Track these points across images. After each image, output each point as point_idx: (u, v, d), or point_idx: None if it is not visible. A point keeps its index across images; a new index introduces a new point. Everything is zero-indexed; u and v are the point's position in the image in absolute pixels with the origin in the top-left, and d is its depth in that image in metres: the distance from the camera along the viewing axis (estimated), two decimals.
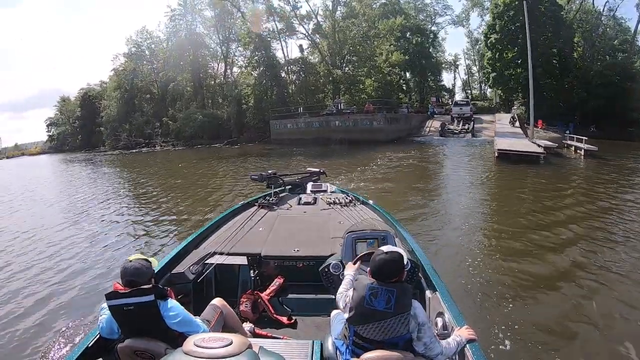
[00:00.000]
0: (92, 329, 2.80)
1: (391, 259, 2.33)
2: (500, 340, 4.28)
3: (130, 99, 54.56)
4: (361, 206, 5.80)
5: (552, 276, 6.03)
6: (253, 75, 44.16)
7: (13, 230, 10.60)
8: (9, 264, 7.94)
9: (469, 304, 5.00)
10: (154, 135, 49.05)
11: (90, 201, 14.45)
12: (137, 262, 2.53)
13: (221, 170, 19.75)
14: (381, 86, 38.96)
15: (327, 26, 42.33)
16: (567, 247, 7.17)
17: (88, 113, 65.68)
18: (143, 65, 56.05)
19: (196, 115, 43.67)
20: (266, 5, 43.06)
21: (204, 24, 51.27)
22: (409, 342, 2.28)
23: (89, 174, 24.99)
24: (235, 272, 4.13)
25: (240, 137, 38.91)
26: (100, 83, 68.31)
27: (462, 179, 14.79)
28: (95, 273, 6.98)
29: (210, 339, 1.66)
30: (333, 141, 29.22)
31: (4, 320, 5.64)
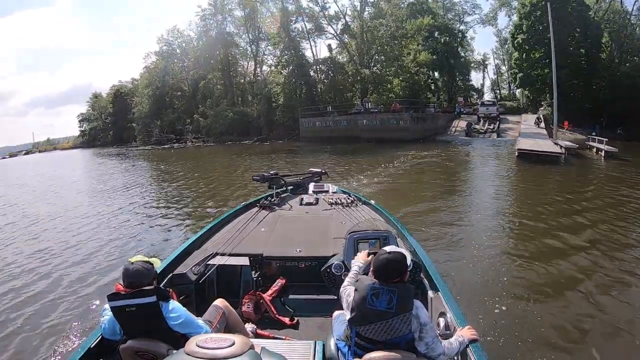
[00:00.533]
0: (94, 330, 2.90)
1: (394, 259, 2.39)
2: (506, 341, 4.41)
3: (161, 96, 56.88)
4: (363, 206, 5.92)
5: (566, 278, 6.14)
6: (283, 74, 45.58)
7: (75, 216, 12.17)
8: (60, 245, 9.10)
9: (477, 303, 5.20)
10: (184, 132, 51.03)
11: (129, 189, 16.45)
12: (138, 264, 2.60)
13: (255, 165, 21.38)
14: (409, 86, 39.63)
15: (355, 26, 43.35)
16: (578, 249, 7.28)
17: (120, 109, 68.62)
18: (174, 63, 58.12)
19: (226, 112, 45.47)
20: (295, 5, 44.45)
21: (234, 23, 53.08)
22: (411, 342, 2.33)
23: (127, 167, 27.33)
24: (237, 273, 4.22)
25: (270, 135, 40.41)
26: (131, 80, 71.19)
27: (481, 178, 15.76)
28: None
29: (212, 339, 1.70)
30: (360, 139, 30.17)
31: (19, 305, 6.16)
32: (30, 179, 25.68)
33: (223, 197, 12.96)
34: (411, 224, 8.66)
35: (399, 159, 20.23)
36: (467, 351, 2.55)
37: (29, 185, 22.00)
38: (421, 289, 3.48)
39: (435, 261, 6.31)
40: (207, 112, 49.34)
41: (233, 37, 53.21)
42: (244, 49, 54.70)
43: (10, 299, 6.41)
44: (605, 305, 5.21)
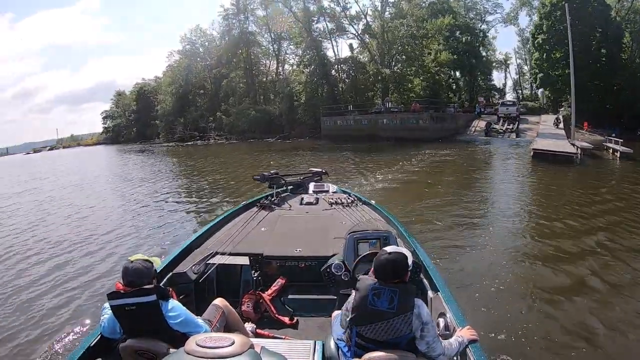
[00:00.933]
0: (94, 329, 2.94)
1: (395, 260, 2.41)
2: (521, 343, 4.50)
3: (184, 94, 58.76)
4: (363, 206, 5.98)
5: (579, 280, 6.22)
6: (304, 73, 46.76)
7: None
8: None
9: (481, 304, 5.34)
10: (207, 129, 52.65)
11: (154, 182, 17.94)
12: (137, 263, 2.62)
13: (278, 162, 22.78)
14: (429, 85, 40.47)
15: (376, 26, 44.12)
16: (588, 251, 7.38)
17: (143, 107, 70.73)
18: (197, 62, 59.93)
19: (249, 110, 46.91)
20: (317, 5, 45.52)
21: (256, 22, 54.28)
22: (412, 342, 2.35)
23: (154, 163, 29.12)
24: (237, 272, 4.25)
25: (292, 133, 41.62)
26: (155, 78, 73.38)
27: (494, 176, 16.61)
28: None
29: (212, 338, 1.72)
30: (380, 138, 31.28)
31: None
32: (65, 173, 27.63)
33: (247, 190, 14.19)
34: (422, 218, 9.59)
35: (416, 157, 21.20)
36: (467, 351, 2.61)
37: (67, 178, 23.90)
38: (421, 289, 3.52)
39: (446, 256, 7.10)
40: (229, 110, 50.82)
41: (255, 37, 54.58)
42: (265, 48, 56.02)
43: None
44: (621, 309, 5.25)
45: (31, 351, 4.91)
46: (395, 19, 42.64)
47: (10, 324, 5.61)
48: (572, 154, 18.95)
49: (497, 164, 19.73)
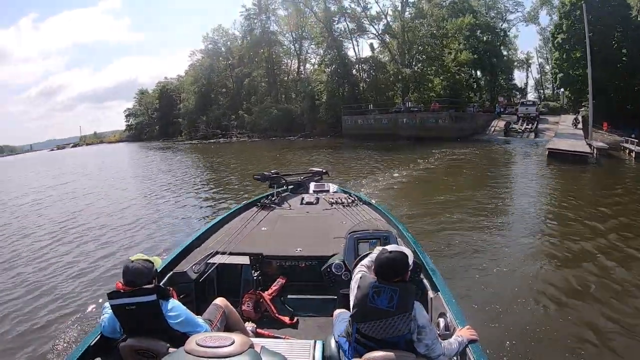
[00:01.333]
0: (94, 328, 2.95)
1: (395, 258, 2.45)
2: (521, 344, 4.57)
3: (207, 93, 60.82)
4: (363, 206, 5.99)
5: (584, 283, 6.24)
6: (326, 73, 47.91)
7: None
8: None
9: (494, 304, 5.40)
10: (230, 127, 54.40)
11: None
12: (138, 263, 2.65)
13: (301, 160, 24.19)
14: (450, 85, 40.98)
15: (396, 26, 44.90)
16: (598, 251, 7.46)
17: (165, 105, 73.33)
18: (219, 61, 61.91)
19: (271, 109, 48.42)
20: (337, 6, 46.61)
21: (277, 22, 55.94)
22: (411, 342, 2.38)
23: (181, 159, 30.80)
24: (238, 272, 4.28)
25: (313, 131, 42.85)
26: (177, 77, 75.97)
27: (507, 174, 17.28)
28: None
29: (212, 338, 1.75)
30: (400, 137, 32.12)
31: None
32: (98, 169, 29.57)
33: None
34: (435, 213, 10.31)
35: (434, 156, 22.14)
36: (467, 351, 2.64)
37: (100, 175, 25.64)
38: (421, 289, 3.54)
39: (458, 253, 7.45)
40: (251, 109, 52.29)
41: (276, 36, 56.01)
42: (287, 48, 57.36)
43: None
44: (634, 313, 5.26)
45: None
46: (416, 19, 43.38)
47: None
48: (586, 154, 19.44)
49: (512, 163, 20.47)
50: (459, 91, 41.85)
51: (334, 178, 14.90)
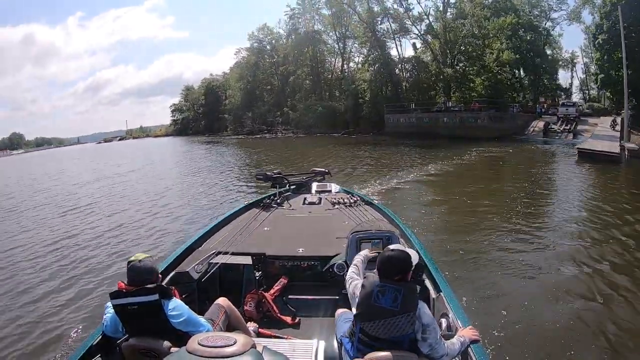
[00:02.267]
0: (96, 328, 3.04)
1: (398, 257, 2.51)
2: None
3: (252, 90, 64.49)
4: (366, 206, 6.08)
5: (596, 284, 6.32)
6: (369, 72, 49.90)
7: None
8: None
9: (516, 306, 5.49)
10: (275, 123, 57.62)
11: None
12: (146, 261, 2.75)
13: (344, 154, 26.61)
14: (491, 85, 41.66)
15: (438, 26, 46.46)
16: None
17: (211, 101, 78.09)
18: (264, 59, 65.33)
19: (316, 106, 51.42)
20: (380, 7, 48.51)
21: (321, 21, 58.56)
22: (414, 342, 2.42)
23: (238, 152, 34.13)
24: (240, 272, 4.29)
25: (356, 128, 45.11)
26: (223, 74, 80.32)
27: (533, 171, 17.97)
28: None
29: (214, 338, 1.75)
30: (440, 136, 33.67)
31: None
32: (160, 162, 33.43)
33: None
34: (457, 201, 11.95)
35: (469, 153, 23.78)
36: (469, 351, 2.69)
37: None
38: (424, 289, 3.57)
39: (472, 240, 8.07)
40: (296, 106, 55.42)
41: (320, 35, 58.62)
42: (331, 46, 59.92)
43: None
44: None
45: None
46: (457, 19, 44.70)
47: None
48: (614, 154, 20.00)
49: (542, 161, 21.40)
50: (500, 91, 42.35)
51: (376, 171, 17.86)
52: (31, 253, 9.58)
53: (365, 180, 15.96)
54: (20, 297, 6.95)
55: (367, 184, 14.92)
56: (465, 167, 19.72)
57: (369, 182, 15.27)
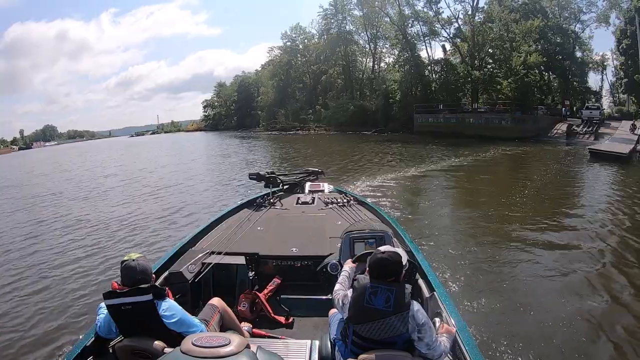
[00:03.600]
0: (89, 329, 3.09)
1: (388, 259, 2.58)
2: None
3: (284, 87, 68.05)
4: (359, 206, 6.22)
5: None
6: (399, 73, 52.12)
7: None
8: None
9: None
10: (307, 120, 60.77)
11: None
12: (141, 261, 2.83)
13: (377, 149, 29.65)
14: (518, 87, 42.70)
15: (467, 30, 48.69)
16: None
17: (243, 97, 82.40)
18: (297, 58, 68.81)
19: (348, 105, 54.24)
20: (411, 10, 50.78)
21: (353, 22, 61.28)
22: (408, 342, 2.49)
23: (280, 147, 37.60)
24: (233, 272, 4.38)
25: (386, 127, 47.71)
26: (255, 72, 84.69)
27: (543, 168, 20.01)
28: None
29: (208, 338, 1.81)
30: (465, 135, 35.49)
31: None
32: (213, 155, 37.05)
33: (361, 166, 21.07)
34: (470, 188, 14.75)
35: (487, 152, 25.99)
36: (459, 342, 2.82)
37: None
38: (417, 289, 3.68)
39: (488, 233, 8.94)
40: (328, 104, 58.52)
41: (352, 35, 61.54)
42: (362, 47, 62.82)
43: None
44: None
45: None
46: (485, 23, 46.40)
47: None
48: (622, 154, 21.50)
49: (554, 160, 23.01)
50: (527, 93, 43.31)
51: (403, 162, 20.89)
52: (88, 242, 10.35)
53: (393, 167, 19.79)
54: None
55: (394, 171, 18.45)
56: (480, 163, 22.33)
57: (396, 170, 18.68)
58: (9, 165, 48.15)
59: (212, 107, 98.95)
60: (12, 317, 6.34)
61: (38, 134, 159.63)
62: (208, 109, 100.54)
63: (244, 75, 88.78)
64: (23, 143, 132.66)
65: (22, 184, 25.54)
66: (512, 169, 21.17)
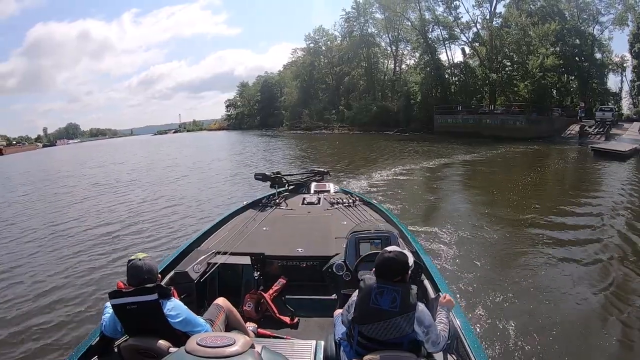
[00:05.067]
0: (94, 328, 3.16)
1: (395, 258, 2.66)
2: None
3: (308, 88, 71.53)
4: (364, 206, 6.43)
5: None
6: (420, 75, 54.70)
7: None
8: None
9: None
10: (331, 120, 63.85)
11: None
12: (148, 260, 2.89)
13: (397, 145, 32.81)
14: (535, 89, 44.92)
15: (485, 34, 50.76)
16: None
17: (267, 97, 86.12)
18: (319, 59, 72.11)
19: (371, 106, 57.43)
20: (432, 15, 53.37)
21: (375, 25, 64.21)
22: (414, 343, 2.56)
23: (316, 145, 40.44)
24: (239, 272, 4.50)
25: (408, 127, 50.22)
26: (278, 72, 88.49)
27: (548, 162, 22.76)
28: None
29: (213, 338, 1.85)
30: (482, 135, 37.66)
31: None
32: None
33: (388, 159, 24.17)
34: (476, 174, 17.83)
35: (498, 150, 28.37)
36: (463, 340, 2.94)
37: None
38: (423, 290, 3.73)
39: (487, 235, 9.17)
40: (351, 104, 61.61)
41: (374, 38, 64.51)
42: (384, 49, 65.73)
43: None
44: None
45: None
46: (503, 28, 48.50)
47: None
48: (621, 152, 23.58)
49: (559, 157, 25.12)
50: (543, 95, 45.36)
51: (422, 156, 23.77)
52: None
53: (414, 158, 24.24)
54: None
55: (415, 162, 22.27)
56: (490, 158, 25.12)
57: (416, 162, 22.36)
58: (57, 159, 51.91)
59: (235, 107, 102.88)
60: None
61: (61, 131, 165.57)
62: (231, 109, 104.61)
63: (267, 76, 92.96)
64: (47, 140, 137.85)
65: (101, 172, 28.98)
66: (517, 165, 23.35)
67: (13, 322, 6.15)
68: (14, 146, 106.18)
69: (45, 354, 5.25)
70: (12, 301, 6.91)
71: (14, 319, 6.24)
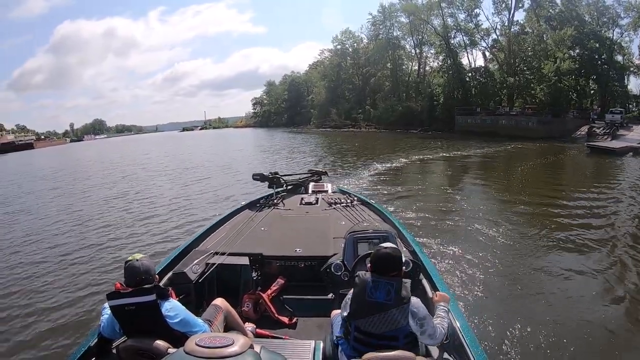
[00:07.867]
0: (93, 329, 3.23)
1: (391, 253, 2.80)
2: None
3: (335, 88, 76.80)
4: (362, 206, 6.57)
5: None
6: (443, 78, 60.19)
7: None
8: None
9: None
10: (358, 119, 69.15)
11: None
12: (146, 261, 2.94)
13: (420, 142, 38.08)
14: (551, 92, 47.76)
15: (503, 40, 55.04)
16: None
17: (294, 96, 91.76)
18: (347, 60, 77.28)
19: (396, 106, 62.50)
20: (454, 21, 58.33)
21: (400, 28, 68.90)
22: (409, 336, 2.68)
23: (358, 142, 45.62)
24: (237, 272, 4.58)
25: (431, 126, 54.61)
26: (305, 72, 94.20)
27: (549, 156, 25.50)
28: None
29: (212, 338, 1.87)
30: (498, 135, 41.10)
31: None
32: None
33: (411, 152, 29.31)
34: (479, 165, 22.44)
35: (507, 147, 32.08)
36: (463, 343, 2.99)
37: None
38: (421, 289, 3.86)
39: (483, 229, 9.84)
40: (377, 104, 66.75)
41: (399, 41, 69.25)
42: (408, 52, 70.45)
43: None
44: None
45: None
46: (520, 35, 52.43)
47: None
48: (612, 149, 26.50)
49: (560, 153, 27.97)
50: (559, 98, 48.09)
51: (442, 150, 28.90)
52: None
53: (435, 149, 29.82)
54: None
55: (436, 152, 27.73)
56: (496, 153, 29.66)
57: (438, 152, 27.82)
58: (105, 153, 56.54)
59: (262, 105, 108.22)
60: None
61: (87, 127, 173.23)
62: (257, 106, 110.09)
63: (294, 75, 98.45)
64: (74, 135, 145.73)
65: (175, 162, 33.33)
66: (518, 159, 26.33)
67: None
68: (43, 140, 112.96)
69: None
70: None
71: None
